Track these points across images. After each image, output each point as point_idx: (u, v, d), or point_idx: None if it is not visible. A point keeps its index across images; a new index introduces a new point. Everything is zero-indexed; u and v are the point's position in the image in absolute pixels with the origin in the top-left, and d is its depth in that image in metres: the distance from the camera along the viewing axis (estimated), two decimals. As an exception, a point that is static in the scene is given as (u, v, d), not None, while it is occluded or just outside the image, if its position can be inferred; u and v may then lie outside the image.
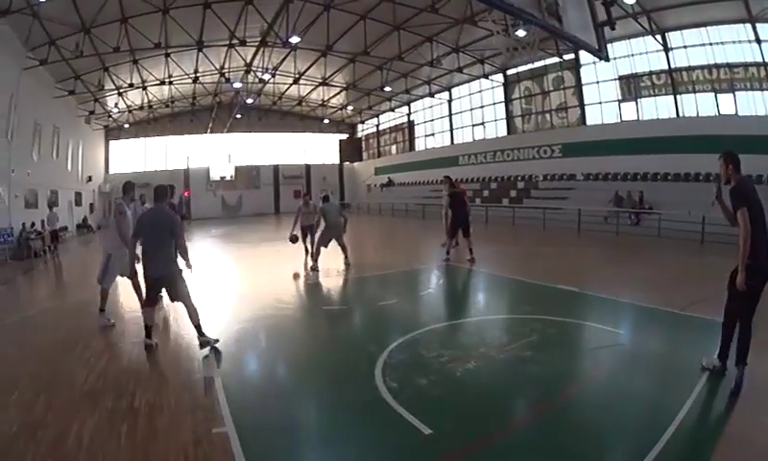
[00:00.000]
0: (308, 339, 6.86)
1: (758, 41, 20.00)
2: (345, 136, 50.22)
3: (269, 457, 3.74)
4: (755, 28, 19.95)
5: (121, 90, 29.68)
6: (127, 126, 39.47)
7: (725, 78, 21.57)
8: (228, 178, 42.52)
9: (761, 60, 20.10)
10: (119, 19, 20.23)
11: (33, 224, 20.28)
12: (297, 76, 32.10)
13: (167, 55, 25.50)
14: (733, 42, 20.93)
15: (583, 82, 27.54)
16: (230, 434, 3.90)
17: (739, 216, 4.71)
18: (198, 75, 29.22)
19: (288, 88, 36.28)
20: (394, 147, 46.36)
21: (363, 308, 7.74)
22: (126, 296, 9.48)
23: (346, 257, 11.86)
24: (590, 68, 26.43)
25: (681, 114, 23.21)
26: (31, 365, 5.72)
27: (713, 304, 7.64)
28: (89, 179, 34.87)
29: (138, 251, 6.39)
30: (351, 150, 49.64)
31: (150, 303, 6.17)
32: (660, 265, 12.61)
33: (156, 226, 6.05)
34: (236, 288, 10.44)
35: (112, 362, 5.68)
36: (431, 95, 38.02)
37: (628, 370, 5.29)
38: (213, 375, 5.24)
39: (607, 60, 7.14)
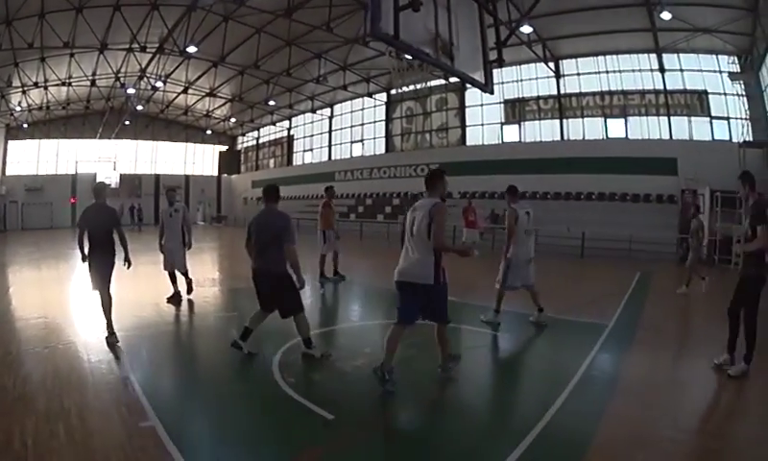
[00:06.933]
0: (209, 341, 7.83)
1: (662, 70, 21.90)
2: (225, 148, 49.89)
3: (196, 443, 4.37)
4: (660, 58, 21.76)
5: (26, 88, 28.73)
6: (26, 126, 37.35)
7: (617, 104, 23.44)
8: (113, 185, 40.64)
9: (662, 88, 22.06)
10: (38, 14, 19.85)
11: None
12: (186, 85, 32.21)
13: (71, 54, 25.04)
14: (632, 71, 22.76)
15: (467, 104, 29.07)
16: (157, 427, 4.38)
17: (760, 232, 5.29)
18: (95, 77, 28.77)
19: (176, 97, 36.16)
20: (272, 160, 46.66)
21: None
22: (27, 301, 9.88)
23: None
24: (475, 91, 27.59)
25: (566, 137, 25.07)
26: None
27: (588, 310, 9.17)
28: (-15, 179, 32.28)
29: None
30: (230, 162, 49.58)
31: None
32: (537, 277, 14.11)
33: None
34: (128, 293, 9.99)
35: (35, 367, 5.99)
36: (313, 111, 38.87)
37: (503, 368, 6.54)
38: (128, 374, 5.75)
39: (492, 92, 8.24)
